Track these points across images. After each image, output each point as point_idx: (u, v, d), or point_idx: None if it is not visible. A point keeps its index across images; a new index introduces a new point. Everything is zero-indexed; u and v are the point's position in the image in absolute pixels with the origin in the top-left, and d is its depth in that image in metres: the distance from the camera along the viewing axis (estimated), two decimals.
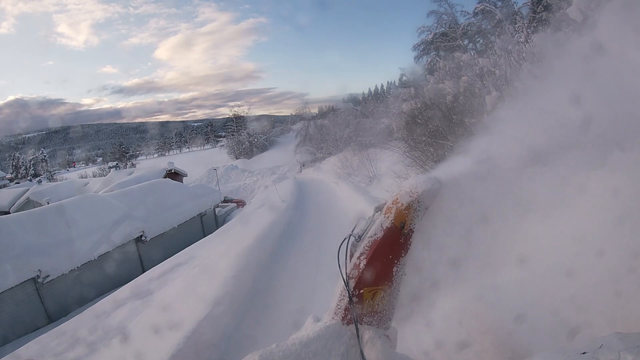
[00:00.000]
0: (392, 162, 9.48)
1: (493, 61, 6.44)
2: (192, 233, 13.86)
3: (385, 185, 9.02)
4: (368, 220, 1.74)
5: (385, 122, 16.64)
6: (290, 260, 6.16)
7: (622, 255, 1.92)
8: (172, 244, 12.37)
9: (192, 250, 8.07)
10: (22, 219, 10.50)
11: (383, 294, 1.70)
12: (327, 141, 25.83)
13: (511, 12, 21.02)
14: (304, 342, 1.53)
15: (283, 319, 4.23)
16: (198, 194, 15.22)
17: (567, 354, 1.09)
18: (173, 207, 13.41)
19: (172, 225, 12.97)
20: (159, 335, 3.95)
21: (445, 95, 7.33)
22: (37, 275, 9.75)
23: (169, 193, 14.09)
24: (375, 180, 10.81)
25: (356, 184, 11.84)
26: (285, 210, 9.31)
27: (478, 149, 2.07)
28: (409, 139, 8.44)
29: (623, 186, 2.05)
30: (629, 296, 1.82)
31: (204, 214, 14.95)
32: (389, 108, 15.06)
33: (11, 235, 10.13)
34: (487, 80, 6.45)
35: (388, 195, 6.80)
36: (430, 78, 8.19)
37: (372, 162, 11.40)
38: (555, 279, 2.14)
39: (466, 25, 24.98)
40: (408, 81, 24.29)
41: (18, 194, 30.31)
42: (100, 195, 12.91)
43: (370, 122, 20.17)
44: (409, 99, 9.06)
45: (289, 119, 66.32)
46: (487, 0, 24.42)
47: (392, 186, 8.33)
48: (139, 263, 11.93)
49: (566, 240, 2.22)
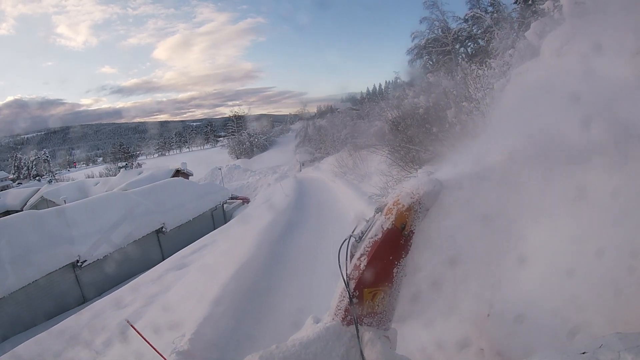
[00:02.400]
0: (379, 162, 11.35)
1: (454, 83, 8.29)
2: (204, 226, 15.68)
3: (373, 181, 10.89)
4: (368, 221, 1.78)
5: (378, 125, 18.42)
6: (299, 228, 8.37)
7: (622, 255, 1.93)
8: (187, 235, 14.17)
9: (213, 236, 9.92)
10: (64, 212, 12.31)
11: (383, 295, 1.72)
12: (326, 142, 27.62)
13: (501, 17, 22.62)
14: (304, 343, 1.56)
15: (300, 262, 6.13)
16: (209, 192, 17.08)
17: (566, 354, 1.10)
18: (188, 203, 15.25)
19: (187, 219, 14.81)
20: (205, 286, 5.75)
21: (419, 108, 9.17)
22: (76, 260, 11.56)
23: (183, 190, 15.94)
24: (366, 177, 12.67)
25: (350, 181, 13.72)
26: (290, 202, 11.23)
27: (477, 152, 2.16)
28: (392, 142, 10.31)
29: (623, 186, 2.06)
30: (628, 296, 1.83)
31: (214, 209, 16.80)
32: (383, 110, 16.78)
33: (53, 226, 11.94)
34: (448, 98, 8.31)
35: (374, 189, 8.96)
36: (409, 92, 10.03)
37: (363, 162, 13.26)
38: (555, 279, 2.16)
39: (457, 30, 26.73)
40: (410, 81, 26.14)
41: (29, 193, 32.10)
42: (126, 193, 14.70)
43: (366, 124, 21.89)
44: (393, 109, 10.91)
45: (288, 119, 67.81)
46: (478, 6, 26.20)
47: (378, 182, 10.21)
48: (160, 251, 13.74)
49: (566, 240, 2.25)
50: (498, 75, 8.04)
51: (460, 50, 26.90)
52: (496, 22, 21.88)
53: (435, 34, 27.24)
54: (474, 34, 26.48)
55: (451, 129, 8.07)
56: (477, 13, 26.05)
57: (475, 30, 26.38)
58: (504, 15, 22.73)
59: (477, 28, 26.23)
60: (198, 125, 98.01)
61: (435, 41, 27.08)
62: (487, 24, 24.23)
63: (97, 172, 43.08)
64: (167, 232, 13.84)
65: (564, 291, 2.08)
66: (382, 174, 10.15)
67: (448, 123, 8.09)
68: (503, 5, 24.65)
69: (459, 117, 7.79)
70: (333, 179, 15.71)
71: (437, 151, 8.83)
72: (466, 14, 26.26)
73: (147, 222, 13.34)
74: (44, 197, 27.08)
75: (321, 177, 19.38)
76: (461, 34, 27.13)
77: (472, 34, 26.71)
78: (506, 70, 8.50)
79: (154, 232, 13.64)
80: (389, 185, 9.35)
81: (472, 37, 26.80)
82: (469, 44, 27.28)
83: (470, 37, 26.95)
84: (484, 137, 5.54)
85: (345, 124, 26.78)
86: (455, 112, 7.84)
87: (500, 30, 15.10)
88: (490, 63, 9.10)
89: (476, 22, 26.20)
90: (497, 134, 5.92)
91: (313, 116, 52.45)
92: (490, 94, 7.85)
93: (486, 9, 26.14)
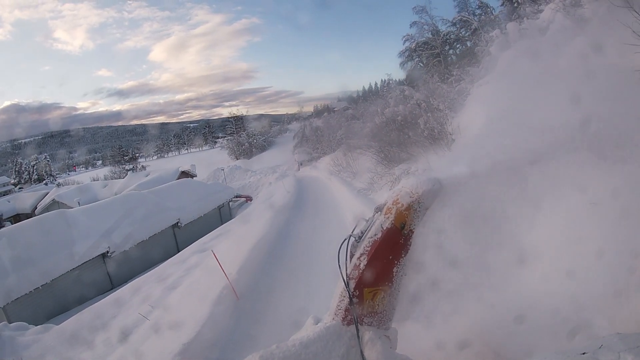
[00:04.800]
0: (367, 161, 13.38)
1: (424, 95, 10.28)
2: (213, 221, 17.65)
3: (362, 178, 12.93)
4: (368, 221, 1.85)
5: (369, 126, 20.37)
6: (301, 213, 10.48)
7: (621, 255, 1.98)
8: (198, 229, 16.12)
9: (227, 226, 11.90)
10: (91, 211, 14.26)
11: (383, 295, 1.78)
12: (322, 142, 29.57)
13: (488, 20, 24.36)
14: (304, 342, 1.61)
15: (302, 232, 8.20)
16: (216, 191, 19.09)
17: (567, 355, 1.11)
18: (199, 201, 17.23)
19: (199, 215, 16.79)
20: (225, 263, 7.67)
21: (398, 115, 11.17)
22: (106, 251, 13.50)
23: (194, 190, 17.94)
24: (357, 175, 14.69)
25: (344, 178, 15.73)
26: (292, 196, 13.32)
27: (476, 152, 2.25)
28: (377, 145, 12.33)
29: (622, 187, 2.07)
30: (629, 296, 1.85)
31: (221, 206, 18.81)
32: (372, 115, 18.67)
33: (83, 222, 13.87)
34: (421, 108, 10.31)
35: (363, 184, 11.32)
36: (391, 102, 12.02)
37: (354, 161, 15.30)
38: (555, 278, 2.19)
39: (446, 34, 28.67)
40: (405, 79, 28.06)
41: (38, 196, 33.90)
42: (144, 192, 16.64)
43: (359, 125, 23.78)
44: (379, 115, 12.90)
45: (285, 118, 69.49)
46: (466, 9, 28.14)
47: (366, 178, 12.21)
48: (175, 243, 15.70)
49: (566, 240, 2.28)
50: (459, 92, 10.06)
51: (450, 52, 28.87)
52: (483, 24, 23.79)
53: (425, 38, 29.12)
54: (462, 36, 28.43)
55: (422, 134, 10.06)
56: (464, 17, 28.06)
57: (463, 33, 28.33)
58: (491, 18, 24.64)
59: (465, 30, 28.17)
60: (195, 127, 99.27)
61: (425, 44, 28.97)
62: (474, 26, 26.22)
63: (102, 175, 44.85)
64: (182, 226, 15.82)
65: (564, 291, 2.09)
66: (368, 171, 12.16)
67: (420, 129, 10.09)
68: (490, 8, 26.47)
69: (427, 125, 9.78)
70: (329, 177, 17.75)
71: (412, 152, 10.84)
72: (454, 18, 28.16)
73: (165, 218, 15.32)
74: (55, 199, 28.84)
75: (318, 176, 21.42)
76: (450, 37, 29.06)
77: (460, 36, 28.68)
78: (469, 84, 10.58)
79: (170, 226, 15.61)
80: (374, 181, 11.35)
81: (460, 40, 28.77)
82: (457, 46, 29.24)
83: (459, 39, 28.92)
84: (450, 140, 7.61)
85: (340, 125, 28.71)
86: (425, 120, 9.83)
87: (486, 33, 16.78)
88: (452, 80, 11.15)
89: (464, 25, 28.16)
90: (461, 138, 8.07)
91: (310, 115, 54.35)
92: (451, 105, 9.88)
93: (474, 12, 28.09)
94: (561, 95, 2.61)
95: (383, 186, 10.46)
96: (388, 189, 9.89)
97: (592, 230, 2.23)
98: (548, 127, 2.06)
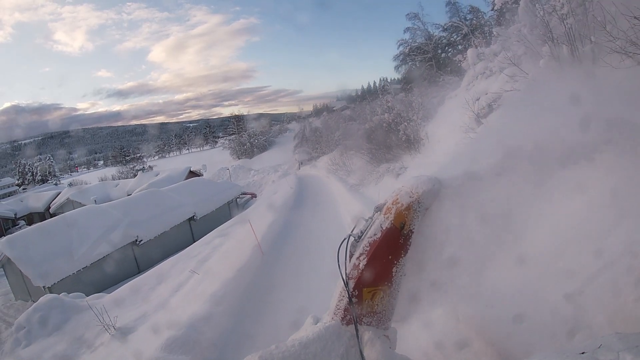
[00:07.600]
0: (358, 160, 15.91)
1: (405, 105, 12.77)
2: (223, 215, 20.11)
3: (355, 175, 15.46)
4: (367, 221, 1.88)
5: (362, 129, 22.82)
6: (303, 203, 12.88)
7: (621, 255, 2.00)
8: (211, 222, 18.57)
9: (244, 215, 14.37)
10: (121, 205, 16.75)
11: (383, 295, 1.81)
12: (321, 143, 32.10)
13: (479, 25, 26.59)
14: (303, 343, 1.63)
15: (304, 218, 10.68)
16: (225, 188, 21.60)
17: (566, 354, 1.12)
18: (211, 197, 19.73)
19: (212, 210, 19.29)
20: (242, 244, 10.10)
21: (384, 122, 13.67)
22: (135, 239, 15.96)
23: (206, 187, 20.46)
24: (352, 173, 17.20)
25: (340, 176, 18.24)
26: (295, 192, 15.87)
27: (477, 152, 2.33)
28: (367, 146, 14.85)
29: (621, 186, 2.13)
30: (628, 296, 1.86)
31: (230, 202, 21.30)
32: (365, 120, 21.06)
33: (114, 215, 16.35)
34: (402, 116, 12.81)
35: (354, 181, 14.23)
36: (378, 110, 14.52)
37: (350, 160, 17.84)
38: (554, 278, 2.25)
39: (438, 38, 31.16)
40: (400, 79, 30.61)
41: (50, 196, 36.37)
42: (162, 190, 19.12)
43: (355, 126, 26.24)
44: (369, 121, 15.41)
45: (285, 117, 71.78)
46: (458, 14, 30.59)
47: (358, 176, 14.71)
48: (191, 234, 18.16)
49: (566, 240, 2.36)
50: (439, 102, 12.54)
51: (442, 55, 31.33)
52: (473, 29, 26.18)
53: (418, 43, 31.64)
54: (454, 41, 30.95)
55: (401, 139, 12.55)
56: (455, 23, 30.58)
57: (455, 37, 30.83)
58: (482, 23, 27.00)
59: (456, 35, 30.64)
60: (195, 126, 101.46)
61: (418, 49, 31.50)
62: (464, 31, 28.73)
63: (110, 175, 47.33)
64: (197, 219, 18.31)
65: (563, 291, 2.13)
66: (360, 169, 14.69)
67: (400, 134, 12.58)
68: (481, 13, 28.79)
69: (405, 132, 12.26)
70: (327, 175, 20.27)
71: (395, 153, 13.32)
72: (445, 24, 30.63)
73: (182, 212, 17.82)
74: (70, 198, 31.31)
75: (317, 174, 23.94)
76: (441, 42, 31.57)
77: (451, 40, 31.19)
78: (448, 92, 13.08)
79: (187, 219, 18.09)
80: (364, 177, 13.83)
81: (452, 44, 31.29)
82: (449, 50, 31.72)
83: (450, 44, 31.43)
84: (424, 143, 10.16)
85: (338, 126, 31.22)
86: (404, 127, 12.31)
87: (476, 38, 19.02)
88: (440, 85, 13.65)
89: (455, 30, 30.65)
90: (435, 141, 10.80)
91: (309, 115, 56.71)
92: (426, 114, 12.37)
93: (465, 17, 30.53)
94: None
95: (371, 182, 12.92)
96: (374, 184, 12.35)
97: (591, 230, 2.31)
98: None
